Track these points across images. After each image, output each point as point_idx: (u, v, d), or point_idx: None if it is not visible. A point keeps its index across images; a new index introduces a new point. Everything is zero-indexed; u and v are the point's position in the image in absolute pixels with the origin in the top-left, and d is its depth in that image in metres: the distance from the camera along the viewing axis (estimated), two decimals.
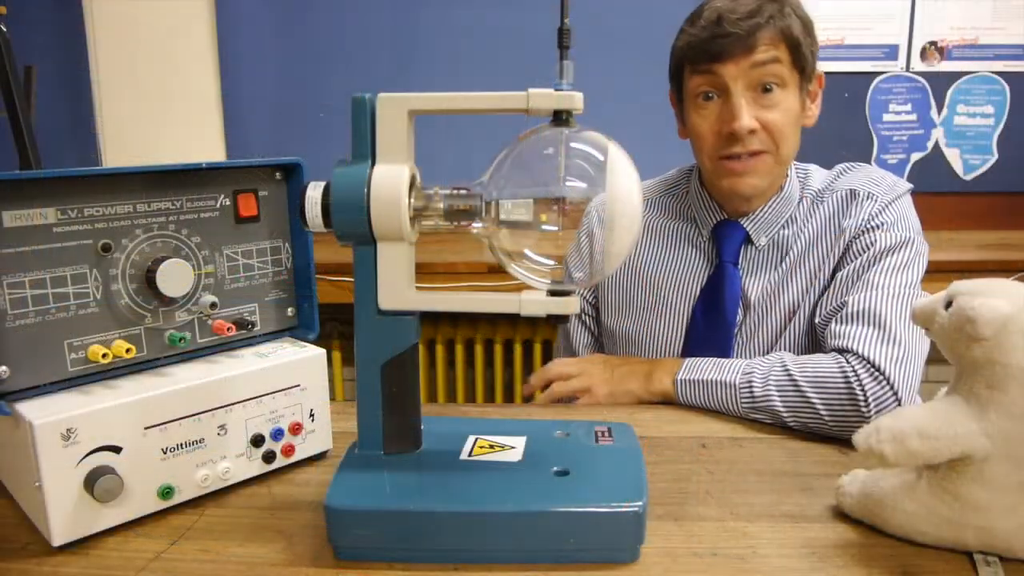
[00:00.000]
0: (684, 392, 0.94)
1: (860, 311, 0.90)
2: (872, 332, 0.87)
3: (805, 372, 0.87)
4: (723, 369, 0.92)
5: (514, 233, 0.62)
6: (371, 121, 0.61)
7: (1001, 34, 2.24)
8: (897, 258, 0.95)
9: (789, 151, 0.99)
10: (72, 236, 0.64)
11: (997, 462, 0.56)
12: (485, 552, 0.60)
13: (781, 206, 1.04)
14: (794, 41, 0.94)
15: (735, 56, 0.93)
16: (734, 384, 0.90)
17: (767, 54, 0.93)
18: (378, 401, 0.66)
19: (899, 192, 1.00)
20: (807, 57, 0.97)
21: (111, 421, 0.62)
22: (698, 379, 0.93)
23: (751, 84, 0.95)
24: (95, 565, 0.60)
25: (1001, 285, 0.57)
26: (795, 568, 0.59)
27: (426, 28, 2.27)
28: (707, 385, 0.92)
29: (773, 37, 0.93)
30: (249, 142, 2.33)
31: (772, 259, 1.04)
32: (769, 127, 0.96)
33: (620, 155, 0.60)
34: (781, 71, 0.95)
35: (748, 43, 0.93)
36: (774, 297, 1.03)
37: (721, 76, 0.95)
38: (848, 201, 1.01)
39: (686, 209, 1.10)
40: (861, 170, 1.05)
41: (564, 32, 0.60)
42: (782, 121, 0.96)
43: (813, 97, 1.03)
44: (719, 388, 0.91)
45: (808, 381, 0.86)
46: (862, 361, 0.85)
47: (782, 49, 0.94)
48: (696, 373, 0.93)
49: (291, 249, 0.79)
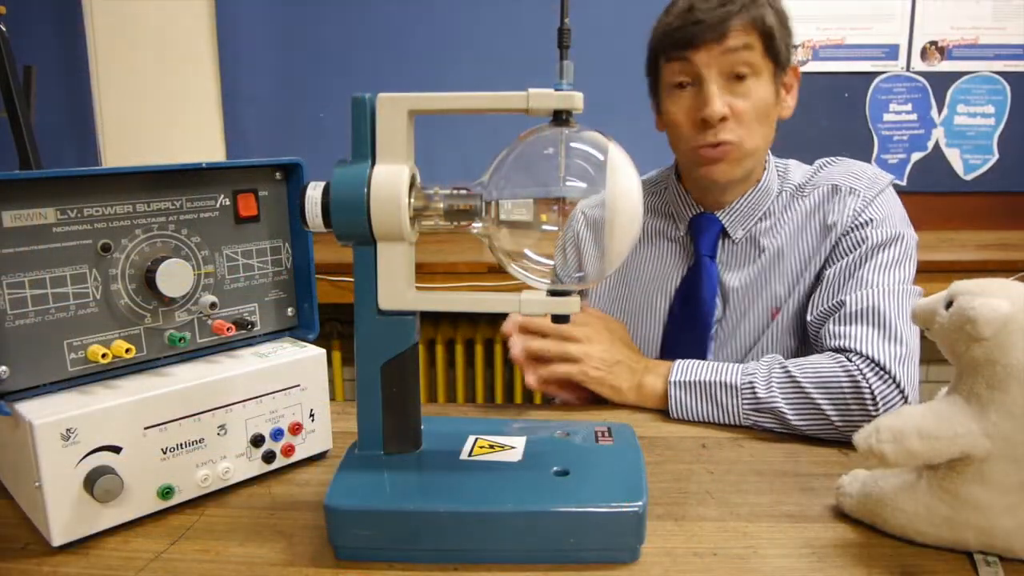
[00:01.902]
0: (677, 396, 0.89)
1: (859, 311, 0.90)
2: (873, 331, 0.87)
3: (807, 373, 0.86)
4: (720, 371, 0.89)
5: (514, 233, 0.62)
6: (371, 121, 0.61)
7: (1001, 34, 2.24)
8: (890, 254, 0.95)
9: (760, 140, 0.98)
10: (72, 236, 0.64)
11: (997, 462, 0.56)
12: (485, 552, 0.60)
13: (758, 199, 1.04)
14: (767, 30, 0.94)
15: (707, 43, 0.94)
16: (735, 385, 0.87)
17: (739, 41, 0.93)
18: (378, 401, 0.66)
19: (882, 185, 1.01)
20: (780, 47, 0.97)
21: (111, 421, 0.62)
22: (694, 380, 0.89)
23: (723, 71, 0.95)
24: (95, 565, 0.60)
25: (1001, 285, 0.57)
26: (795, 568, 0.59)
27: (426, 28, 2.27)
28: (705, 387, 0.88)
29: (745, 25, 0.94)
30: (249, 142, 2.33)
31: (749, 253, 1.04)
32: (740, 114, 0.96)
33: (620, 155, 0.60)
34: (753, 59, 0.95)
35: (720, 30, 0.93)
36: (755, 292, 1.02)
37: (694, 63, 0.95)
38: (830, 196, 1.01)
39: (664, 206, 1.11)
40: (841, 164, 1.05)
41: (564, 32, 0.60)
42: (754, 109, 0.96)
43: (788, 89, 1.03)
44: (718, 389, 0.88)
45: (812, 382, 0.85)
46: (867, 361, 0.85)
47: (754, 37, 0.94)
48: (690, 375, 0.90)
49: (291, 249, 0.79)
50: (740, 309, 1.03)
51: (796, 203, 1.03)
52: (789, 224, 1.02)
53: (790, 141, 1.11)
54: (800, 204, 1.03)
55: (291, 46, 2.29)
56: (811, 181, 1.04)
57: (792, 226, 1.02)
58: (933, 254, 1.92)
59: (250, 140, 2.33)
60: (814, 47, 2.26)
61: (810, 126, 2.24)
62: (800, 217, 1.02)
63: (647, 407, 0.92)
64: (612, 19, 2.03)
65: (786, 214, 1.03)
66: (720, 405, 0.88)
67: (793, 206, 1.03)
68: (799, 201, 1.03)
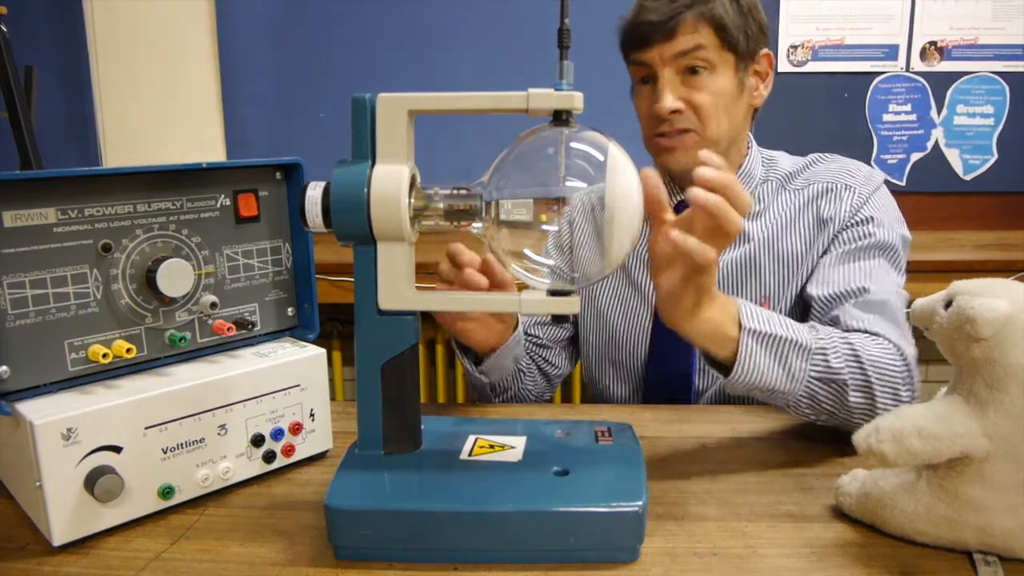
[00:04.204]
0: (750, 347, 0.72)
1: (877, 303, 0.88)
2: (894, 329, 0.85)
3: (869, 352, 0.78)
4: (787, 325, 0.75)
5: (514, 233, 0.62)
6: (371, 121, 0.61)
7: (1001, 34, 2.24)
8: (890, 258, 0.95)
9: (719, 130, 0.98)
10: (72, 236, 0.64)
11: (997, 462, 0.56)
12: (485, 552, 0.60)
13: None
14: (719, 23, 0.94)
15: (657, 42, 0.94)
16: (807, 347, 0.75)
17: (690, 42, 0.93)
18: (378, 401, 0.66)
19: (877, 183, 1.01)
20: (738, 38, 0.96)
21: (111, 421, 0.62)
22: (768, 332, 0.73)
23: (678, 68, 0.95)
24: (95, 565, 0.60)
25: (1001, 285, 0.57)
26: (795, 568, 0.59)
27: (426, 28, 2.27)
28: (777, 344, 0.74)
29: (695, 22, 0.93)
30: (249, 142, 2.33)
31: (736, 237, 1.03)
32: (696, 107, 0.96)
33: (620, 155, 0.60)
34: (707, 55, 0.94)
35: (668, 27, 0.93)
36: (741, 277, 1.02)
37: (647, 62, 0.96)
38: (826, 191, 1.00)
39: None
40: (835, 161, 1.05)
41: (564, 32, 0.60)
42: (711, 102, 0.96)
43: (763, 77, 1.02)
44: (790, 349, 0.74)
45: (872, 363, 0.77)
46: (898, 349, 0.81)
47: (705, 33, 0.94)
48: (762, 323, 0.74)
49: (291, 249, 0.79)
50: (727, 293, 1.03)
51: (787, 195, 1.03)
52: (780, 216, 1.02)
53: (790, 141, 1.11)
54: (792, 197, 1.02)
55: (291, 46, 2.29)
56: (803, 174, 1.04)
57: (783, 218, 1.02)
58: (932, 254, 1.91)
59: (250, 140, 2.33)
60: (814, 47, 2.26)
61: (810, 126, 2.24)
62: (792, 210, 1.01)
63: (710, 349, 0.74)
64: (612, 19, 2.03)
65: (775, 204, 1.03)
66: (788, 367, 0.74)
67: (783, 198, 1.03)
68: (791, 194, 1.03)
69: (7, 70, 1.73)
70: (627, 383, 1.10)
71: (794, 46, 2.23)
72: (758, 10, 0.99)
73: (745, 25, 0.97)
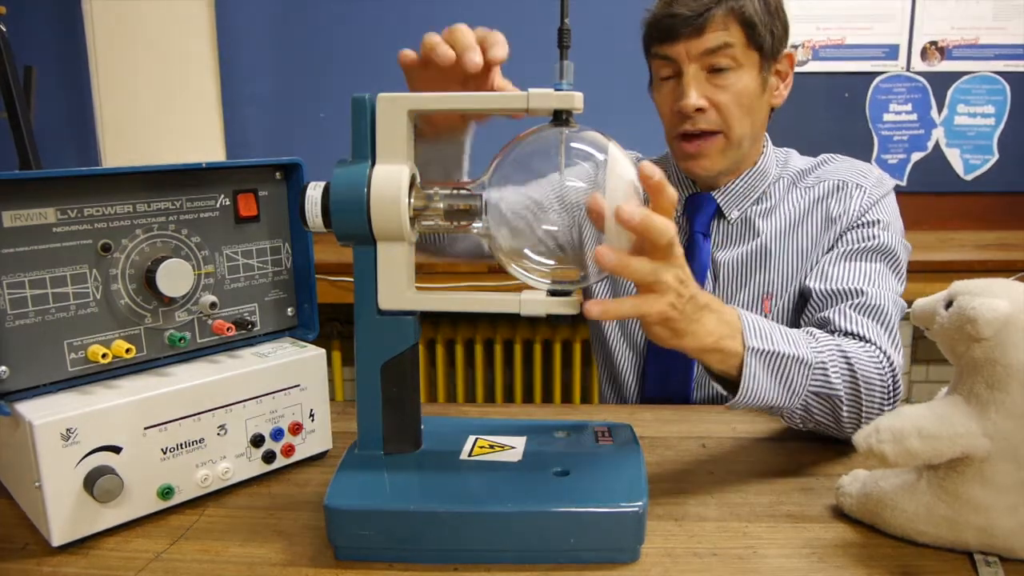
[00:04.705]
0: (753, 369, 0.70)
1: (874, 307, 0.87)
2: (886, 337, 0.85)
3: (863, 364, 0.77)
4: (789, 339, 0.73)
5: (514, 233, 0.62)
6: (371, 121, 0.61)
7: (1001, 34, 2.24)
8: (895, 264, 0.95)
9: (744, 131, 0.98)
10: (72, 236, 0.64)
11: (997, 462, 0.56)
12: (485, 552, 0.60)
13: (754, 180, 1.03)
14: (748, 21, 0.93)
15: (685, 37, 0.93)
16: (808, 362, 0.73)
17: (718, 40, 0.93)
18: (378, 401, 0.66)
19: (887, 187, 1.01)
20: (765, 37, 0.95)
21: (111, 421, 0.62)
22: (771, 350, 0.71)
23: (704, 65, 0.95)
24: (95, 565, 0.60)
25: (1001, 285, 0.57)
26: (795, 568, 0.59)
27: (426, 28, 2.26)
28: (779, 361, 0.71)
29: (724, 18, 0.93)
30: (249, 142, 2.33)
31: (744, 233, 1.03)
32: (720, 107, 0.95)
33: (620, 155, 0.60)
34: (734, 53, 0.94)
35: (697, 24, 0.92)
36: (746, 273, 1.02)
37: (673, 57, 0.95)
38: (836, 190, 1.00)
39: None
40: (847, 161, 1.05)
41: (564, 32, 0.60)
42: (734, 102, 0.95)
43: (783, 77, 1.02)
44: (791, 366, 0.72)
45: (864, 377, 0.77)
46: (888, 358, 0.81)
47: (734, 31, 0.93)
48: (766, 340, 0.71)
49: (291, 249, 0.79)
50: (730, 287, 1.03)
51: (798, 193, 1.03)
52: (789, 213, 1.02)
53: (790, 141, 1.11)
54: (802, 195, 1.02)
55: (291, 46, 2.29)
56: (815, 173, 1.04)
57: (792, 216, 1.02)
58: (933, 254, 1.91)
59: (250, 140, 2.33)
60: (814, 47, 2.26)
61: (810, 126, 2.24)
62: (801, 208, 1.01)
63: (710, 365, 0.71)
64: (612, 19, 2.03)
65: (786, 202, 1.03)
66: (789, 384, 0.73)
67: (794, 195, 1.03)
68: (801, 191, 1.03)
69: (7, 70, 1.72)
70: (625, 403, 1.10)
71: (794, 46, 2.23)
72: (783, 9, 0.98)
73: (772, 24, 0.96)
